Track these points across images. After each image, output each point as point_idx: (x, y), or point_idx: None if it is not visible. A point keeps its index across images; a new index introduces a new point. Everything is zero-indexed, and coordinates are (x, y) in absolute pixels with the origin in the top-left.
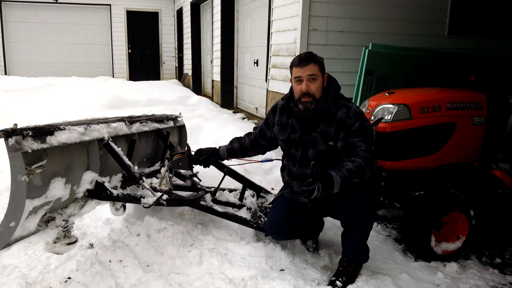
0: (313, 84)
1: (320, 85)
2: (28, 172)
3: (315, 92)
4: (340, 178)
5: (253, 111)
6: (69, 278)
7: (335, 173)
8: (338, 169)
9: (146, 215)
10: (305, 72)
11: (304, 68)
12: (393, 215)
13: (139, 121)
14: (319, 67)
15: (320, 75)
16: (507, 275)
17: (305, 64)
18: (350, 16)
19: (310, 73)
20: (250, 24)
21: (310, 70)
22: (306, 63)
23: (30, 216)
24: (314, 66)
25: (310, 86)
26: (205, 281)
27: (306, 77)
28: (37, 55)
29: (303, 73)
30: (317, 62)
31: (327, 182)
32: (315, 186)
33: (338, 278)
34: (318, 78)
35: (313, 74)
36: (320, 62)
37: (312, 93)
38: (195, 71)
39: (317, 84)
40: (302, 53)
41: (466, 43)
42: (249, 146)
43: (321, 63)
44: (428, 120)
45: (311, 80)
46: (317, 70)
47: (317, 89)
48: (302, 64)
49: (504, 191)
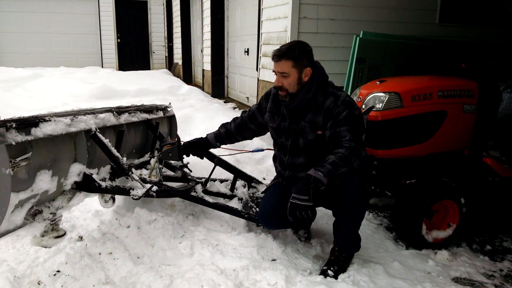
0: (285, 80)
1: (293, 80)
2: (12, 165)
3: (288, 87)
4: (321, 172)
5: (244, 100)
6: (58, 271)
7: (312, 170)
8: (321, 165)
9: (136, 206)
10: (277, 68)
11: (276, 64)
12: (384, 203)
13: (128, 111)
14: (293, 63)
15: (294, 71)
16: (497, 262)
17: (277, 60)
18: (340, 4)
19: (280, 70)
20: (241, 12)
21: (281, 67)
22: (278, 59)
23: (16, 210)
24: (286, 63)
25: (282, 81)
26: (196, 272)
27: (278, 73)
28: (24, 45)
29: (275, 68)
30: (290, 58)
31: (297, 186)
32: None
33: (330, 267)
34: (290, 75)
35: (283, 72)
36: (295, 57)
37: (285, 88)
38: (186, 61)
39: (289, 80)
40: (282, 46)
41: (457, 31)
42: (234, 131)
43: (297, 58)
44: (419, 108)
45: (282, 77)
46: (289, 67)
47: (289, 85)
48: (275, 59)
49: (494, 179)
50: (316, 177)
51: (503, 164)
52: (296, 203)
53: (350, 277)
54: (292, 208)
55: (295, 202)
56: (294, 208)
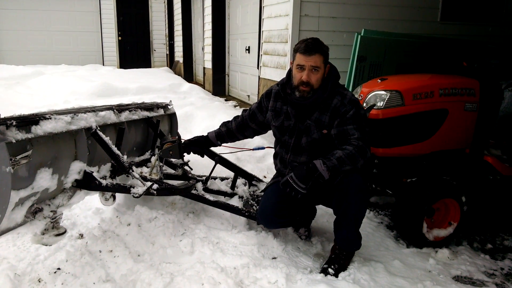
0: (314, 75)
1: (321, 76)
2: (13, 162)
3: (315, 83)
4: (326, 165)
5: (245, 98)
6: (59, 269)
7: (319, 161)
8: (327, 158)
9: (136, 204)
10: (308, 62)
11: (309, 58)
12: (385, 202)
13: (128, 109)
14: (324, 58)
15: (323, 66)
16: (498, 260)
17: (310, 54)
18: (342, 1)
19: (313, 64)
20: (242, 10)
21: (314, 61)
22: (312, 53)
23: (17, 208)
24: (319, 58)
25: (311, 76)
26: (196, 270)
27: (309, 67)
28: (25, 43)
29: (306, 63)
30: (323, 52)
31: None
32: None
33: (331, 265)
34: (320, 70)
35: (316, 66)
36: (326, 52)
37: (312, 83)
38: (187, 59)
39: (318, 75)
40: (309, 39)
41: (458, 29)
42: (235, 129)
43: (327, 53)
44: (421, 106)
45: (313, 71)
46: (321, 61)
47: (317, 80)
48: (308, 53)
49: (495, 177)
50: (321, 173)
51: (504, 163)
52: (292, 185)
53: (351, 275)
54: (286, 185)
55: (292, 184)
56: (287, 186)
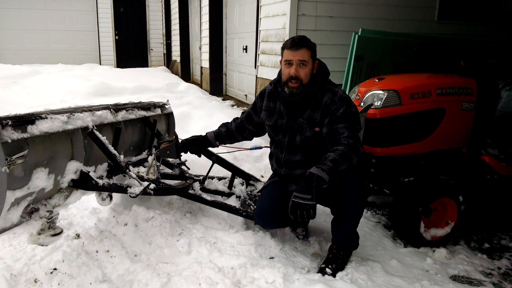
0: (302, 70)
1: (309, 71)
2: (8, 162)
3: (303, 78)
4: (321, 169)
5: (242, 98)
6: (55, 269)
7: (313, 167)
8: (321, 163)
9: (133, 204)
10: (296, 57)
11: (296, 52)
12: (382, 201)
13: (125, 109)
14: (311, 53)
15: (311, 61)
16: (495, 260)
17: (297, 48)
18: (339, 1)
19: (301, 58)
20: (239, 9)
21: (301, 55)
22: (299, 47)
23: (12, 208)
24: (306, 52)
25: (299, 71)
26: (194, 270)
27: (297, 61)
28: (22, 42)
29: (294, 57)
30: (309, 47)
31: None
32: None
33: (328, 265)
34: (308, 64)
35: (303, 60)
36: (312, 47)
37: (300, 78)
38: (184, 58)
39: (307, 70)
40: (296, 36)
41: (456, 28)
42: (235, 130)
43: (314, 49)
44: (418, 106)
45: (301, 65)
46: (309, 56)
47: (306, 75)
48: (294, 48)
49: (493, 177)
50: (319, 175)
51: (501, 162)
52: (298, 202)
53: (348, 275)
54: (294, 207)
55: (297, 201)
56: (296, 207)
